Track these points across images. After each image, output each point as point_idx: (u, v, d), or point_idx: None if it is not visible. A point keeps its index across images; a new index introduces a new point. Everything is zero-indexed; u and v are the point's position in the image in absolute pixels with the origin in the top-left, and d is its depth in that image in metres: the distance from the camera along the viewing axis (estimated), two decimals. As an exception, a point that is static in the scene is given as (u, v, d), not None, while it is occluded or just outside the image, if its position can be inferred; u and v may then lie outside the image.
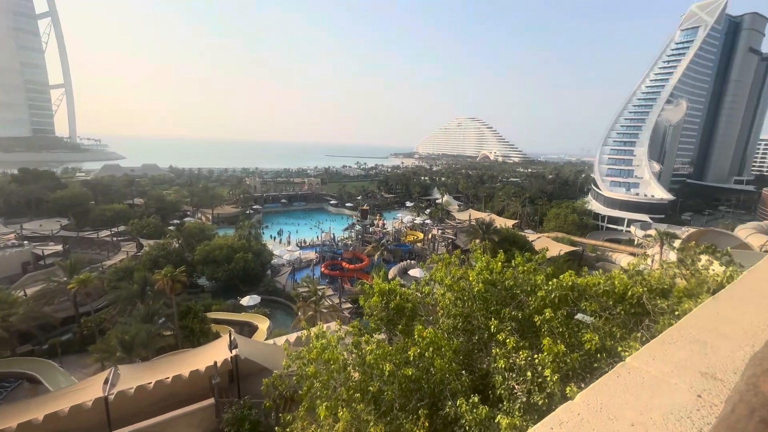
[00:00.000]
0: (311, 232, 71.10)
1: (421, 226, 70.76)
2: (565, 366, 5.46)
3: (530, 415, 5.20)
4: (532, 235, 64.22)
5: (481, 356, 7.24)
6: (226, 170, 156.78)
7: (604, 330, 6.21)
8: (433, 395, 6.24)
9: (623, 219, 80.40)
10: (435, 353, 6.57)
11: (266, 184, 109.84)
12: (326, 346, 7.42)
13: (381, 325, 8.69)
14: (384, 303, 8.74)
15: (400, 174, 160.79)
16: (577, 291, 6.92)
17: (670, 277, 8.46)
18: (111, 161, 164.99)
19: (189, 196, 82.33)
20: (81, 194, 65.59)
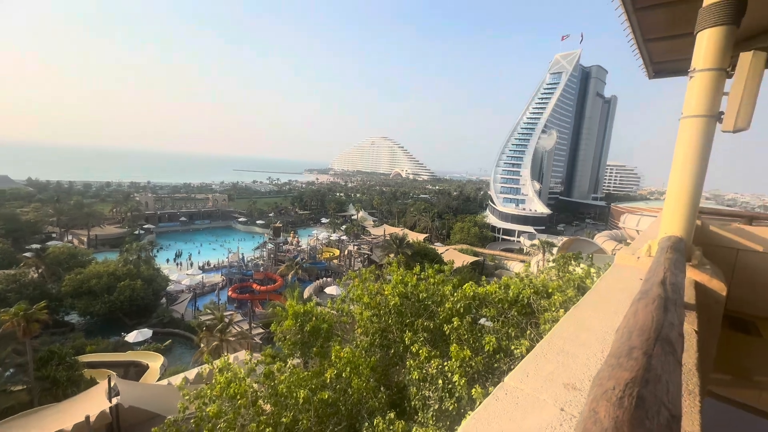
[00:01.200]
0: (216, 252, 65.62)
1: (337, 243, 70.50)
2: (471, 369, 5.95)
3: (442, 422, 5.49)
4: (441, 248, 68.11)
5: (398, 369, 7.42)
6: (109, 184, 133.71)
7: (501, 332, 6.97)
8: (351, 416, 6.15)
9: (515, 230, 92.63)
10: (352, 373, 6.49)
11: (161, 200, 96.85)
12: (232, 380, 6.74)
13: (295, 349, 8.29)
14: (298, 326, 8.37)
15: (315, 190, 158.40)
16: (479, 299, 7.67)
17: (549, 280, 9.97)
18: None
19: (55, 215, 67.71)
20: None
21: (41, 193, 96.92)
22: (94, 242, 63.44)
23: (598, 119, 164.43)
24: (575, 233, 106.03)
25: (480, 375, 6.11)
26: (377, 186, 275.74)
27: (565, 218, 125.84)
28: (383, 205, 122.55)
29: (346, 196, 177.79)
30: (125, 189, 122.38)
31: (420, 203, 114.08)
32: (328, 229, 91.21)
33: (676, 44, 4.46)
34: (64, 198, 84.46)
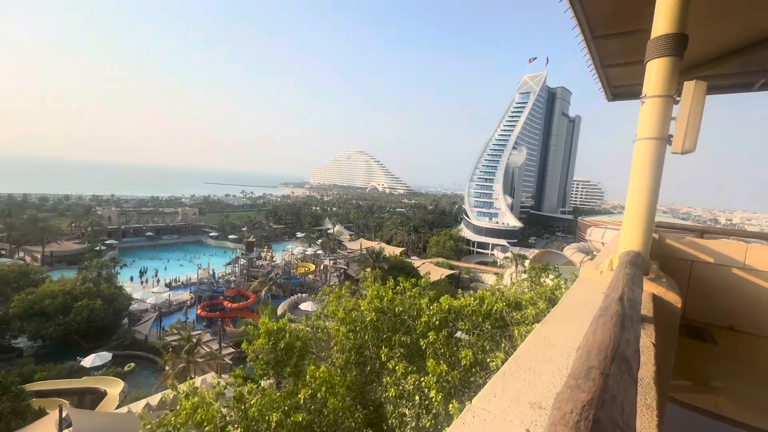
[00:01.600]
0: (185, 268, 62.78)
1: (312, 257, 69.62)
2: (448, 384, 5.93)
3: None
4: (417, 262, 68.51)
5: (374, 387, 7.26)
6: (68, 197, 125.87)
7: (477, 345, 7.02)
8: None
9: (488, 244, 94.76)
10: (328, 392, 6.28)
11: (126, 214, 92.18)
12: (199, 405, 6.34)
13: (268, 369, 7.96)
14: (271, 344, 8.06)
15: (291, 204, 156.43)
16: (454, 312, 7.72)
17: (521, 292, 10.21)
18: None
19: (5, 230, 62.74)
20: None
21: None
22: (49, 259, 59.18)
23: (564, 137, 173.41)
24: (546, 246, 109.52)
25: (457, 390, 6.09)
26: (354, 200, 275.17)
27: (536, 231, 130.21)
28: (360, 219, 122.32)
29: (322, 210, 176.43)
30: (86, 202, 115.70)
31: (396, 217, 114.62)
32: (303, 244, 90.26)
33: (631, 71, 4.85)
34: (16, 212, 78.66)
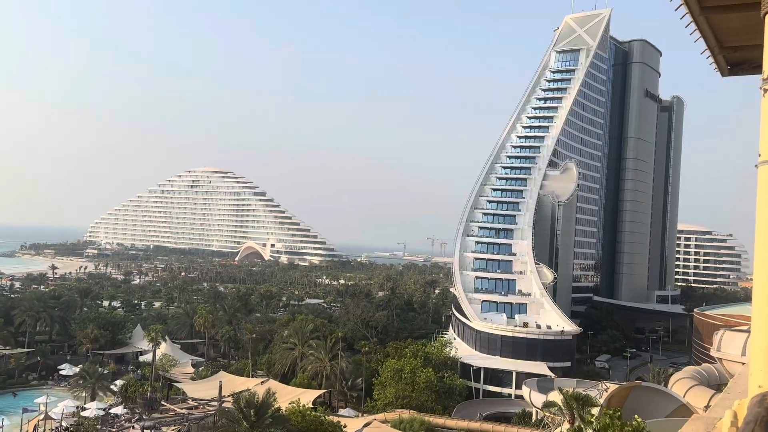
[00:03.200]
0: None
1: (101, 425, 68.22)
2: None
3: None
4: (353, 420, 67.37)
5: None
6: None
7: None
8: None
9: (509, 372, 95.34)
10: None
11: None
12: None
13: None
14: None
15: (46, 295, 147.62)
16: None
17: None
18: None
19: None
20: None
21: None
22: None
23: (655, 140, 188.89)
24: (631, 373, 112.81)
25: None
26: (205, 280, 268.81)
27: (608, 341, 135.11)
28: (219, 326, 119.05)
29: (126, 308, 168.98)
30: None
31: (306, 318, 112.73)
32: (75, 392, 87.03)
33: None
34: None
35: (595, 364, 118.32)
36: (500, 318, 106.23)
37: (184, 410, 74.11)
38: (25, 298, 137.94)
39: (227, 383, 78.60)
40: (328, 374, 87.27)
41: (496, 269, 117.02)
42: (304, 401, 63.91)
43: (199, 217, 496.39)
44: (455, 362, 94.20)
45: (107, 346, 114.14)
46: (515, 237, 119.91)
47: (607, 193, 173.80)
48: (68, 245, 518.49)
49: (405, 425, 64.92)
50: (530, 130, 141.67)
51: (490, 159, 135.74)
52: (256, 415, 47.97)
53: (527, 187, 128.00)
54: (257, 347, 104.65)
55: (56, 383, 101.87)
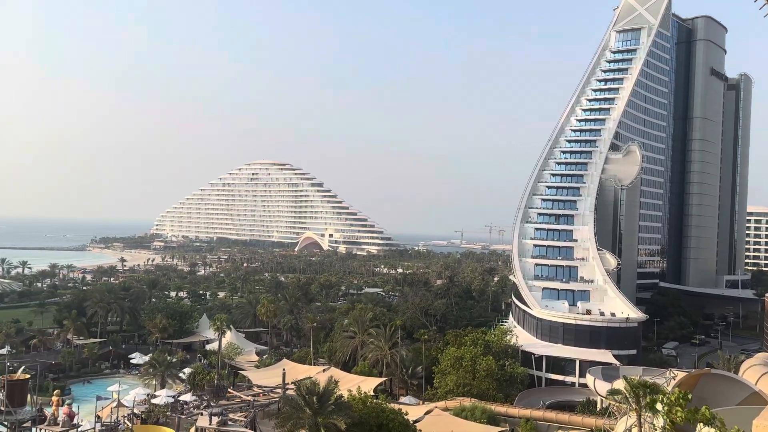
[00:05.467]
0: None
1: (171, 411, 69.07)
2: None
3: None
4: (414, 408, 67.28)
5: None
6: None
7: None
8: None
9: (572, 361, 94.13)
10: None
11: None
12: None
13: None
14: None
15: (117, 287, 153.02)
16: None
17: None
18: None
19: None
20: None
21: None
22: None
23: (722, 120, 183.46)
24: (700, 359, 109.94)
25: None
26: (266, 270, 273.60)
27: (675, 327, 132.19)
28: (281, 316, 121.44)
29: (193, 298, 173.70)
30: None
31: (365, 306, 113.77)
32: (146, 380, 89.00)
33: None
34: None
35: (662, 351, 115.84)
36: (562, 305, 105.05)
37: (249, 397, 75.27)
38: (96, 290, 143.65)
39: (290, 371, 79.66)
40: (388, 362, 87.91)
41: (557, 256, 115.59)
42: (365, 389, 64.23)
43: (259, 209, 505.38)
44: (516, 350, 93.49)
45: (175, 336, 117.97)
46: (576, 223, 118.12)
47: (672, 175, 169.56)
48: (136, 238, 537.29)
49: (466, 413, 65.04)
50: (590, 113, 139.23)
51: (549, 144, 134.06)
52: (319, 402, 48.38)
53: (588, 171, 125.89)
54: (318, 336, 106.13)
55: (127, 371, 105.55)
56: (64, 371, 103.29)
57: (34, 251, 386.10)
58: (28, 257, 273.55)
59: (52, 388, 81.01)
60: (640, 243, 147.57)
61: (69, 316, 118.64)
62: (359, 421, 48.05)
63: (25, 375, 57.77)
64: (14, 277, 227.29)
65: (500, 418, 67.92)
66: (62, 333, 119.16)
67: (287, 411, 50.21)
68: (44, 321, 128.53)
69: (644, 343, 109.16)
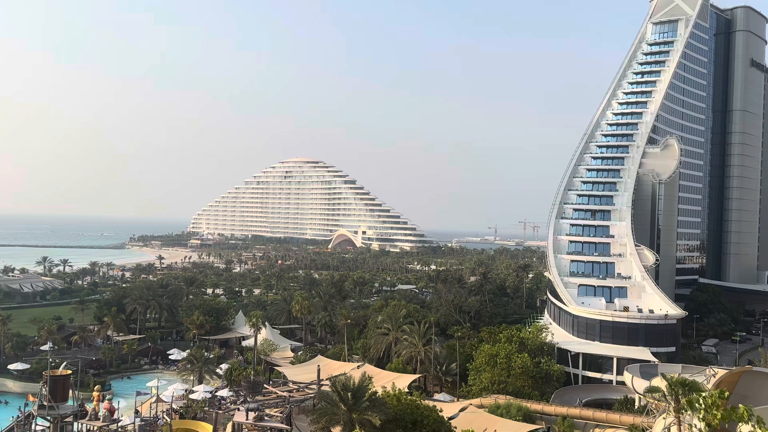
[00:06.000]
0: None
1: (208, 406, 70.47)
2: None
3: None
4: (449, 405, 67.12)
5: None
6: None
7: None
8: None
9: (609, 358, 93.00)
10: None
11: None
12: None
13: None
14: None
15: (155, 284, 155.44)
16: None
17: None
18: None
19: None
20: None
21: None
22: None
23: (762, 112, 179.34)
24: (741, 357, 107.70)
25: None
26: (300, 268, 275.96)
27: (715, 325, 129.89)
28: (314, 312, 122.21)
29: (229, 295, 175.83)
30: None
31: (398, 303, 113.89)
32: (185, 375, 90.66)
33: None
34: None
35: (702, 348, 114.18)
36: (598, 302, 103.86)
37: (285, 393, 75.53)
38: (135, 288, 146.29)
39: (325, 367, 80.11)
40: (422, 359, 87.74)
41: (593, 252, 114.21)
42: (400, 385, 64.36)
43: (293, 207, 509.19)
44: (552, 347, 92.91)
45: (212, 332, 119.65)
46: (613, 218, 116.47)
47: (711, 169, 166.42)
48: (173, 236, 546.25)
49: (502, 410, 64.62)
50: (627, 107, 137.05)
51: (584, 138, 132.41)
52: (354, 398, 48.56)
53: (624, 165, 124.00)
54: (352, 332, 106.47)
55: (166, 367, 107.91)
56: (105, 367, 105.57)
57: (74, 249, 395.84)
58: (69, 255, 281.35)
59: (93, 383, 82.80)
60: (679, 238, 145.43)
61: (109, 313, 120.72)
62: (394, 417, 48.15)
63: (67, 371, 58.77)
64: (56, 275, 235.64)
65: (536, 416, 67.51)
66: (102, 329, 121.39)
67: (323, 407, 50.57)
68: (85, 318, 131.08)
69: (683, 340, 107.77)
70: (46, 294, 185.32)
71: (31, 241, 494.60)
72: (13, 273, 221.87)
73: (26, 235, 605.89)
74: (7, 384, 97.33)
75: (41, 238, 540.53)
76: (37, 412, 53.36)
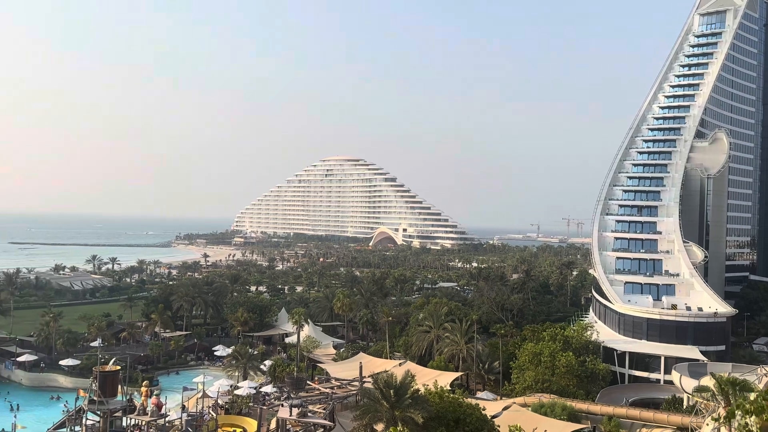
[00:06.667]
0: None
1: (251, 402, 70.94)
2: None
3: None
4: (492, 403, 66.77)
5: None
6: None
7: None
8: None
9: (657, 357, 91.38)
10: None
11: None
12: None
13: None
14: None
15: (200, 282, 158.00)
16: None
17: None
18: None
19: None
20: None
21: None
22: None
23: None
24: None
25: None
26: (342, 265, 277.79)
27: (766, 322, 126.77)
28: (356, 310, 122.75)
29: (272, 292, 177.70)
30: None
31: (440, 301, 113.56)
32: (230, 371, 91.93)
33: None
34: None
35: (753, 347, 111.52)
36: (645, 300, 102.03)
37: (328, 389, 76.19)
38: (181, 285, 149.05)
39: (367, 364, 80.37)
40: (464, 357, 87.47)
41: (640, 249, 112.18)
42: (442, 383, 64.22)
43: (334, 205, 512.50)
44: (597, 346, 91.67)
45: (256, 329, 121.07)
46: (660, 214, 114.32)
47: (762, 163, 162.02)
48: (217, 234, 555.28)
49: (546, 409, 64.03)
50: (674, 100, 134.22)
51: (630, 133, 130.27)
52: (396, 395, 48.55)
53: (672, 160, 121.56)
54: (394, 330, 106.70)
55: (211, 363, 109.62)
56: (152, 363, 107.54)
57: (123, 248, 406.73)
58: (117, 254, 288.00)
59: (141, 379, 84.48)
60: (729, 234, 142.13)
61: (156, 309, 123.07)
62: (436, 415, 47.96)
63: (116, 366, 60.11)
64: (105, 273, 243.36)
65: (581, 415, 66.77)
66: (150, 326, 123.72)
67: (365, 404, 50.63)
68: (133, 315, 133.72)
69: (733, 338, 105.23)
70: (96, 291, 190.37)
71: (81, 240, 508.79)
72: (64, 271, 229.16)
73: (75, 234, 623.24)
74: (58, 379, 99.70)
75: (90, 237, 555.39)
76: (88, 406, 54.57)
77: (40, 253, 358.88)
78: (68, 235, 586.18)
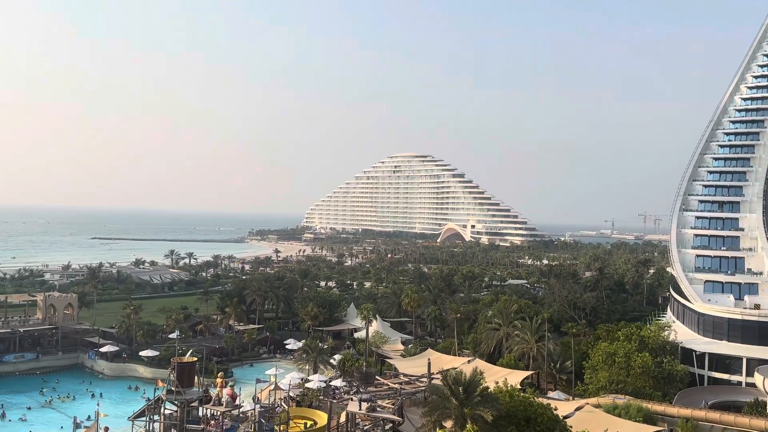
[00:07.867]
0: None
1: (321, 395, 72.33)
2: None
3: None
4: (564, 404, 65.58)
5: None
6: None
7: None
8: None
9: (739, 359, 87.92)
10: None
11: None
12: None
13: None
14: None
15: (272, 277, 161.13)
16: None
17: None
18: None
19: None
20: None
21: None
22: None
23: None
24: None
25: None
26: (410, 263, 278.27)
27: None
28: (424, 306, 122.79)
29: (341, 288, 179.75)
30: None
31: (509, 299, 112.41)
32: (301, 364, 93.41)
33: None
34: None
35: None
36: (726, 299, 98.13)
37: (396, 385, 75.97)
38: (254, 279, 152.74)
39: (435, 361, 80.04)
40: (534, 356, 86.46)
41: (720, 246, 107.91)
42: (512, 382, 63.47)
43: (402, 201, 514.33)
44: (675, 347, 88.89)
45: (325, 323, 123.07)
46: (742, 210, 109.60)
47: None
48: (288, 230, 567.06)
49: (620, 411, 62.67)
50: (757, 91, 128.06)
51: (710, 126, 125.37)
52: (465, 392, 48.24)
53: (755, 154, 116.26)
54: (462, 327, 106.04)
55: (283, 356, 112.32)
56: (227, 355, 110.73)
57: (199, 243, 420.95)
58: (193, 248, 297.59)
59: (216, 370, 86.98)
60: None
61: (230, 303, 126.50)
62: (506, 414, 47.42)
63: (193, 358, 61.72)
64: (182, 267, 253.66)
65: (657, 417, 64.87)
66: (224, 319, 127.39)
67: (434, 400, 50.49)
68: (208, 308, 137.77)
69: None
70: (174, 285, 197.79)
71: (158, 235, 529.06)
72: (144, 265, 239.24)
73: (156, 230, 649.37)
74: (138, 369, 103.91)
75: (169, 233, 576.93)
76: (166, 396, 56.21)
77: (121, 248, 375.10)
78: (149, 231, 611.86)
